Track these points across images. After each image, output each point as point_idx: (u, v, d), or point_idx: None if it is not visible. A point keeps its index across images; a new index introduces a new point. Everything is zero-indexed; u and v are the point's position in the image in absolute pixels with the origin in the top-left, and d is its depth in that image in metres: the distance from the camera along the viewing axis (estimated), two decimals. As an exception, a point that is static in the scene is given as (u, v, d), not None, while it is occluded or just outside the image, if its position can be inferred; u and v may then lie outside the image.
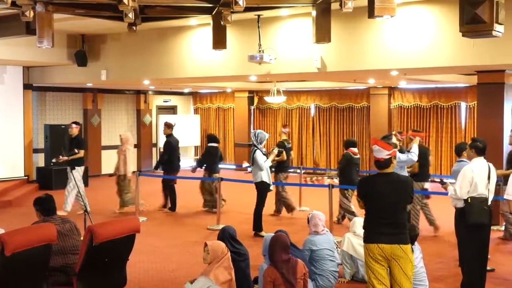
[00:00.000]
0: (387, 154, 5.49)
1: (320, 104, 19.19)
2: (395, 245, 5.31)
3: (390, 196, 5.40)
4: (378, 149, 5.53)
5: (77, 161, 11.99)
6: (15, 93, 15.48)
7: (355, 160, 10.74)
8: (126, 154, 12.22)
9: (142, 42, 12.75)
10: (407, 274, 5.35)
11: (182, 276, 7.53)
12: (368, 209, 5.54)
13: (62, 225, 5.86)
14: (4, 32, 11.09)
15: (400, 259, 5.32)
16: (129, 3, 6.56)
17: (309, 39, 9.02)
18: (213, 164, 12.44)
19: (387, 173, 5.52)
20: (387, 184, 5.46)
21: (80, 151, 11.97)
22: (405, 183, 5.55)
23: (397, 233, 5.36)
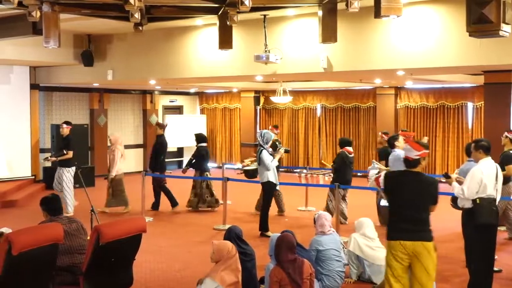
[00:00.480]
0: (416, 155, 5.54)
1: (326, 104, 19.17)
2: (417, 242, 5.33)
3: (413, 194, 5.45)
4: (408, 148, 5.62)
5: (68, 162, 11.96)
6: (22, 93, 15.53)
7: (350, 159, 10.93)
8: (115, 154, 12.23)
9: (148, 42, 12.76)
10: (429, 272, 5.34)
11: (188, 276, 7.53)
12: (391, 205, 5.61)
13: (68, 225, 5.87)
14: (11, 32, 11.13)
15: (421, 256, 5.32)
16: (135, 3, 6.57)
17: (315, 39, 9.01)
18: (205, 163, 12.56)
19: (413, 171, 5.57)
20: (411, 183, 5.52)
21: (68, 151, 11.92)
22: (430, 184, 5.58)
23: (418, 230, 5.38)
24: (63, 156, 11.90)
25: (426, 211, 5.48)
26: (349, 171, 10.93)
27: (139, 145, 19.98)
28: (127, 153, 17.39)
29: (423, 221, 5.43)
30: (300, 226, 10.73)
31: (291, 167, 18.48)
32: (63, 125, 12.25)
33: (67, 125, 12.26)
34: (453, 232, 9.74)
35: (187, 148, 21.15)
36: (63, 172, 11.87)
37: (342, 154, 10.90)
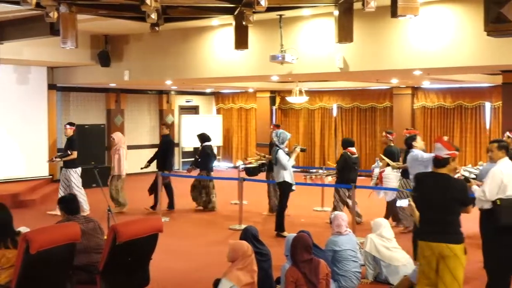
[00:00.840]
0: (446, 154, 5.54)
1: (342, 104, 19.11)
2: (442, 244, 5.33)
3: (438, 196, 5.47)
4: (439, 147, 5.62)
5: (74, 163, 11.94)
6: (40, 94, 15.65)
7: (353, 159, 10.92)
8: (121, 154, 12.20)
9: (165, 43, 12.80)
10: (455, 276, 5.33)
11: (204, 276, 7.54)
12: (420, 206, 5.63)
13: (85, 224, 5.90)
14: (29, 33, 11.23)
15: (447, 259, 5.32)
16: (151, 3, 6.59)
17: (331, 39, 8.98)
18: (210, 162, 12.62)
19: (439, 173, 5.57)
20: (436, 184, 5.53)
21: (73, 152, 11.89)
22: (457, 186, 5.58)
23: (444, 232, 5.39)
24: (68, 157, 11.87)
25: (454, 213, 5.47)
26: (352, 171, 10.91)
27: (155, 145, 19.95)
28: (143, 153, 17.58)
29: (450, 223, 5.42)
30: (316, 226, 10.71)
31: (307, 167, 18.45)
32: (67, 126, 12.25)
33: (70, 126, 12.25)
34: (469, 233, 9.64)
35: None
36: (70, 173, 11.86)
37: (345, 154, 10.92)
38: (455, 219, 5.47)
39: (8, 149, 14.60)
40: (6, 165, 14.12)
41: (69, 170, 11.88)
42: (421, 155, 8.37)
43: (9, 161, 14.53)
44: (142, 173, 13.90)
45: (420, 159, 8.28)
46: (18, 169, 14.73)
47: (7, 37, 11.72)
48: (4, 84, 14.51)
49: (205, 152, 12.53)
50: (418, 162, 8.26)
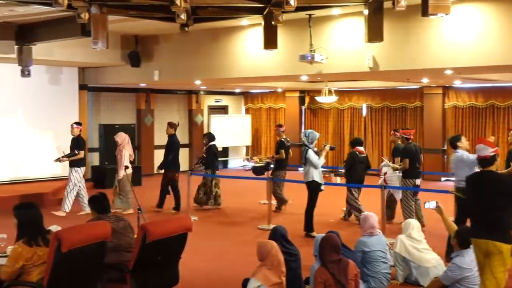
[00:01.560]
0: (492, 151, 5.58)
1: (372, 104, 18.99)
2: (489, 241, 5.34)
3: (489, 193, 5.48)
4: (483, 147, 5.66)
5: (78, 162, 11.98)
6: (71, 94, 15.84)
7: (361, 158, 11.05)
8: (123, 155, 12.05)
9: (194, 43, 12.86)
10: (494, 274, 5.35)
11: (233, 275, 7.55)
12: (473, 206, 5.66)
13: (116, 223, 5.96)
14: (60, 34, 11.37)
15: (491, 255, 5.34)
16: (181, 4, 6.62)
17: (361, 38, 8.92)
18: (217, 161, 12.69)
19: (488, 171, 5.62)
20: (489, 182, 5.56)
21: (79, 152, 11.93)
22: (507, 182, 5.64)
23: (493, 229, 5.39)
24: (75, 157, 11.91)
25: (504, 210, 5.45)
26: (361, 169, 11.06)
27: (185, 145, 20.10)
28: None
29: (499, 220, 5.42)
30: (345, 226, 10.66)
31: (336, 167, 18.37)
32: (74, 125, 12.24)
33: (77, 125, 12.28)
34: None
35: (233, 148, 21.27)
36: (71, 171, 11.91)
37: (353, 154, 11.09)
38: (505, 217, 5.45)
39: (40, 148, 14.80)
40: (38, 164, 14.32)
41: (72, 168, 11.95)
42: (467, 156, 8.27)
43: (40, 161, 14.72)
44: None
45: (466, 160, 8.18)
46: (50, 169, 14.91)
47: (40, 38, 11.88)
48: (36, 84, 14.70)
49: (212, 152, 12.56)
50: (464, 163, 8.13)
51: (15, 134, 14.51)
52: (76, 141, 12.08)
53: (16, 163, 14.22)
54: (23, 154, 14.57)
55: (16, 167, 14.39)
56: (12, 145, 14.41)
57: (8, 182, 14.16)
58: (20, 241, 5.08)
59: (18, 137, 14.61)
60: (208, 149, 12.60)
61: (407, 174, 10.44)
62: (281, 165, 12.46)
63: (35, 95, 14.91)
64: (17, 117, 14.61)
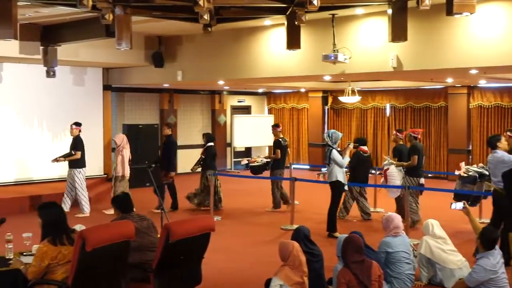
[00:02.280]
0: None
1: (395, 104, 18.87)
2: None
3: None
4: None
5: (78, 163, 11.97)
6: (95, 94, 15.97)
7: (365, 158, 11.44)
8: (124, 155, 12.01)
9: (217, 43, 12.89)
10: None
11: (256, 275, 7.55)
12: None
13: (139, 223, 5.99)
14: (85, 35, 11.48)
15: None
16: (204, 4, 6.65)
17: (384, 38, 8.89)
18: (215, 162, 12.64)
19: None
20: None
21: (77, 152, 11.90)
22: None
23: None
24: (71, 157, 11.90)
25: None
26: (364, 169, 11.40)
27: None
28: (195, 153, 17.72)
29: None
30: (368, 227, 10.61)
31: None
32: (73, 126, 12.18)
33: (76, 125, 12.21)
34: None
35: (255, 148, 21.27)
36: (75, 173, 11.92)
37: (357, 153, 11.38)
38: None
39: (66, 148, 14.90)
40: (63, 164, 14.40)
41: (74, 170, 11.95)
42: (508, 157, 8.15)
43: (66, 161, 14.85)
44: (193, 173, 13.98)
45: (508, 161, 8.06)
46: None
47: (65, 39, 12.01)
48: (61, 85, 14.84)
49: (210, 152, 12.51)
50: (505, 164, 8.00)
51: (41, 134, 14.66)
52: (75, 141, 12.06)
53: (42, 163, 14.34)
54: (48, 154, 14.69)
55: (42, 167, 14.51)
56: (38, 145, 14.55)
57: (33, 181, 14.30)
58: (45, 240, 5.13)
59: (43, 137, 14.75)
60: (207, 150, 12.52)
61: (412, 172, 10.57)
62: (278, 164, 12.57)
63: (60, 96, 15.04)
64: (42, 117, 14.75)
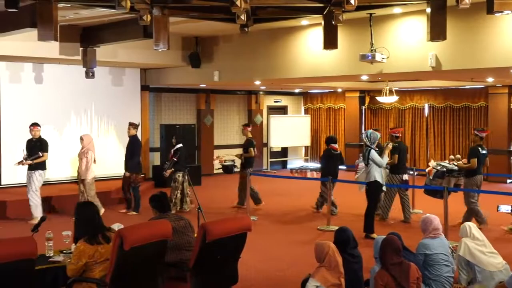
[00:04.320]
0: None
1: (434, 104, 18.63)
2: None
3: None
4: None
5: (40, 165, 11.21)
6: (133, 94, 16.15)
7: (336, 155, 12.12)
8: (88, 157, 11.56)
9: (254, 43, 12.90)
10: None
11: (292, 276, 7.54)
12: None
13: (176, 222, 6.03)
14: (123, 36, 11.62)
15: None
16: (241, 5, 6.66)
17: (423, 37, 8.79)
18: (185, 163, 12.61)
19: None
20: None
21: (44, 154, 11.20)
22: None
23: None
24: (39, 159, 11.14)
25: None
26: (335, 165, 12.07)
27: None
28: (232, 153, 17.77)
29: None
30: (406, 228, 10.50)
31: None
32: (32, 127, 11.34)
33: (36, 126, 11.37)
34: None
35: (292, 149, 21.26)
36: (34, 175, 11.10)
37: (328, 151, 12.06)
38: None
39: (104, 148, 15.12)
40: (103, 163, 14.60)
41: (34, 171, 11.13)
42: None
43: (104, 160, 15.03)
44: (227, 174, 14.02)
45: None
46: (114, 168, 15.24)
47: (103, 40, 12.17)
48: (100, 85, 15.06)
49: (182, 154, 12.44)
50: None
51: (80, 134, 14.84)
52: (39, 142, 11.31)
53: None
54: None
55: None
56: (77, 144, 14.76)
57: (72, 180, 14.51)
58: (81, 240, 5.21)
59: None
60: (177, 151, 12.38)
61: (395, 169, 11.24)
62: (250, 163, 12.70)
63: (99, 96, 15.26)
64: (81, 117, 14.98)
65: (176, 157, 12.31)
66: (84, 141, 11.76)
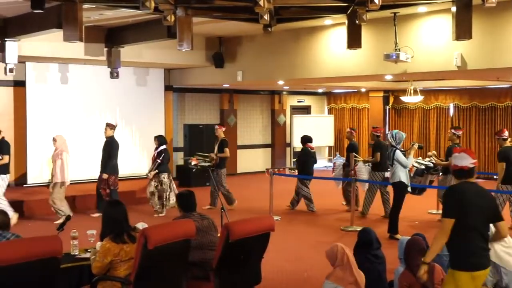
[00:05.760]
0: (471, 163, 4.86)
1: (459, 103, 18.43)
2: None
3: (483, 209, 4.78)
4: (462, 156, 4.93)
5: (2, 169, 10.58)
6: (157, 94, 16.24)
7: (312, 154, 12.66)
8: (63, 159, 11.05)
9: (277, 43, 12.89)
10: None
11: (315, 276, 7.52)
12: (462, 226, 4.73)
13: (200, 222, 6.04)
14: (147, 37, 11.70)
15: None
16: (264, 5, 6.67)
17: (448, 36, 8.70)
18: (168, 165, 12.43)
19: (473, 183, 4.89)
20: (477, 195, 4.82)
21: (4, 156, 10.55)
22: (491, 197, 5.00)
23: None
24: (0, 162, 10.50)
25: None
26: (311, 164, 12.61)
27: (268, 145, 20.22)
28: (255, 153, 17.82)
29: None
30: (431, 229, 10.40)
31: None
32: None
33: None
34: None
35: (315, 149, 21.17)
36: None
37: (306, 150, 12.57)
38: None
39: (129, 148, 15.23)
40: (127, 163, 14.70)
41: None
42: None
43: (129, 160, 15.15)
44: (254, 172, 14.05)
45: None
46: (138, 167, 15.34)
47: (128, 40, 12.26)
48: (124, 85, 15.16)
49: (167, 156, 12.29)
50: None
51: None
52: (0, 144, 10.65)
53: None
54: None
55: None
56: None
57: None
58: (107, 238, 5.25)
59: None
60: (161, 153, 12.17)
61: (377, 167, 11.77)
62: (224, 163, 12.78)
63: (124, 96, 15.37)
64: (106, 117, 15.07)
65: (160, 159, 12.09)
66: (57, 142, 11.20)
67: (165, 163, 12.18)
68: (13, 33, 11.05)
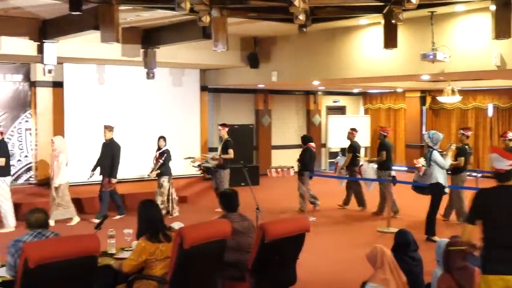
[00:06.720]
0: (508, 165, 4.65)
1: (498, 104, 18.11)
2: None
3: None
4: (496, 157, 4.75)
5: (2, 171, 10.28)
6: (193, 95, 16.31)
7: (314, 153, 12.92)
8: (59, 161, 10.88)
9: (312, 43, 12.85)
10: None
11: (351, 278, 7.46)
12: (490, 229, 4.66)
13: (240, 223, 6.03)
14: (183, 37, 11.78)
15: None
16: (300, 5, 6.65)
17: (487, 35, 8.57)
18: (169, 167, 12.26)
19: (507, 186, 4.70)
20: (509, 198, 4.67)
21: (0, 159, 10.20)
22: None
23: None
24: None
25: None
26: (314, 162, 12.92)
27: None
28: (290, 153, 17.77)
29: None
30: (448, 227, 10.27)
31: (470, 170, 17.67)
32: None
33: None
34: None
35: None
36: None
37: (309, 149, 12.73)
38: None
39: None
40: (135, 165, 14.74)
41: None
42: None
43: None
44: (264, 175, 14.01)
45: None
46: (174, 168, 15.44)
47: (163, 41, 12.36)
48: (160, 86, 15.28)
49: (169, 156, 12.18)
50: None
51: (141, 134, 15.10)
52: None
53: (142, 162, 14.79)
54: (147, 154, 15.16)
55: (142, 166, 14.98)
56: (138, 145, 15.01)
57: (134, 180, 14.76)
58: (143, 237, 5.29)
59: (143, 137, 15.18)
60: (163, 154, 12.09)
61: (383, 166, 12.07)
62: (227, 164, 12.50)
63: (159, 97, 15.48)
64: (142, 118, 15.22)
65: (162, 159, 12.02)
66: (56, 143, 11.08)
67: (166, 164, 12.13)
68: (51, 34, 11.23)
